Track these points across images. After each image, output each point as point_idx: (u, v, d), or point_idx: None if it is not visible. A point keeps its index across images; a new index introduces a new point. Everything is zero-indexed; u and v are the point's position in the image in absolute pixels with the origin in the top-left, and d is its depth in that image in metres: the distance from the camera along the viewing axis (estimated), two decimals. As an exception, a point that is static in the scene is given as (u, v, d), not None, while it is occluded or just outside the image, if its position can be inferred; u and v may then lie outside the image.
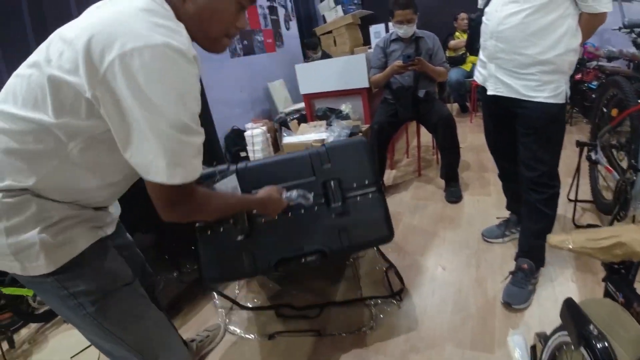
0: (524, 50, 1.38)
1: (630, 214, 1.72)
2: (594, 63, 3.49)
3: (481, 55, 1.58)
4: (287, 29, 5.38)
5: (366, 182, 1.36)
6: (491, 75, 1.52)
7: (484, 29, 1.52)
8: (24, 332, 2.01)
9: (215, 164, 1.41)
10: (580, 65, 3.49)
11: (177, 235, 1.69)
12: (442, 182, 2.59)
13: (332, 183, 1.35)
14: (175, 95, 0.68)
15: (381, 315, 1.58)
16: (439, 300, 1.61)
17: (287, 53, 5.25)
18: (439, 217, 2.26)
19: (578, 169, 2.01)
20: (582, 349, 0.74)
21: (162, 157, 0.69)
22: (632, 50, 2.70)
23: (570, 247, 0.93)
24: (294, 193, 1.23)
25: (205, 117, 3.72)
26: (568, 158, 2.33)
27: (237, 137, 3.87)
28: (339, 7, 5.51)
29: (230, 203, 1.01)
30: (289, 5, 5.45)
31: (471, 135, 3.72)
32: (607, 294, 0.94)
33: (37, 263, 0.74)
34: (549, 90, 1.40)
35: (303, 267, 1.29)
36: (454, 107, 4.92)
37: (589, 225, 1.86)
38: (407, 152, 3.40)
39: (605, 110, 2.16)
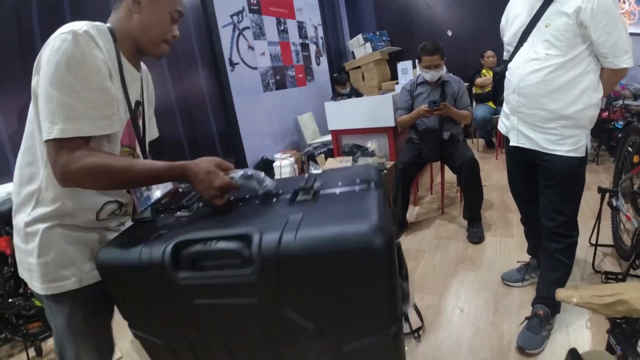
0: (546, 106, 1.45)
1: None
2: (620, 102, 3.50)
3: (505, 107, 1.67)
4: (318, 64, 5.65)
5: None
6: (513, 127, 1.60)
7: (507, 84, 1.60)
8: (51, 342, 2.14)
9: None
10: (607, 103, 3.52)
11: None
12: (464, 221, 2.64)
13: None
14: (62, 61, 0.80)
15: (399, 353, 1.63)
16: (455, 343, 1.66)
17: (317, 87, 5.50)
18: (460, 258, 2.31)
19: (599, 215, 2.04)
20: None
21: (47, 116, 0.80)
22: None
23: (575, 301, 1.00)
24: (240, 172, 0.92)
25: (237, 147, 3.96)
26: (593, 200, 2.36)
27: (266, 167, 4.06)
28: (368, 44, 5.76)
29: (132, 165, 0.87)
30: (320, 42, 5.75)
31: (496, 173, 3.76)
32: (608, 346, 1.00)
33: (36, 284, 0.93)
34: (569, 144, 1.46)
35: (215, 256, 0.77)
36: (480, 143, 4.97)
37: (606, 273, 1.87)
38: (431, 189, 3.47)
39: (627, 156, 2.19)
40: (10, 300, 2.00)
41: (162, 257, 0.77)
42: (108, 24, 0.95)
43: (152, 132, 1.21)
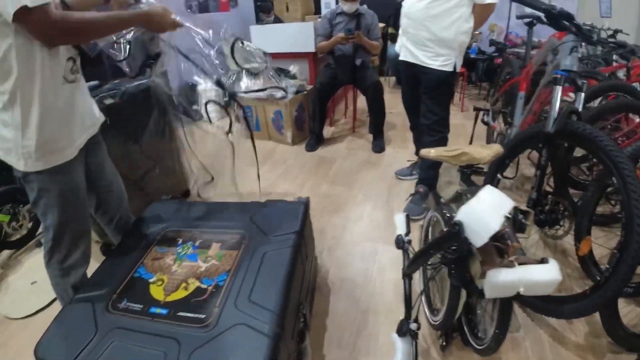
0: (426, 29, 1.88)
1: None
2: (514, 50, 4.19)
3: (400, 30, 2.08)
4: (242, -11, 5.54)
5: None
6: (403, 45, 2.03)
7: (402, 11, 2.00)
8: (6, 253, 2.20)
9: None
10: (502, 51, 4.17)
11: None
12: (371, 137, 3.14)
13: None
14: None
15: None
16: (358, 213, 2.18)
17: (240, 13, 5.44)
18: (365, 162, 2.83)
19: (474, 127, 2.65)
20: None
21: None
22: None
23: (432, 155, 1.47)
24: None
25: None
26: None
27: (190, 91, 4.11)
28: (295, -26, 5.75)
29: (98, 18, 1.03)
30: (244, -34, 5.59)
31: (401, 105, 4.30)
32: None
33: (29, 162, 1.05)
34: (441, 60, 1.92)
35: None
36: (391, 80, 5.50)
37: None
38: (345, 114, 3.92)
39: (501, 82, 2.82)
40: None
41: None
42: None
43: None
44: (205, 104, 2.19)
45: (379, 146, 3.01)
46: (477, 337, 1.25)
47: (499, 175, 1.73)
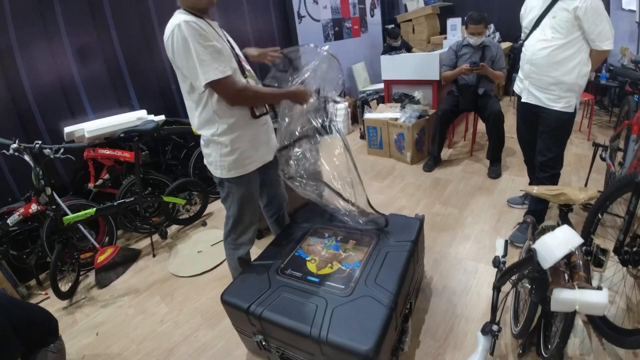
0: (549, 74, 2.06)
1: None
2: None
3: (520, 73, 2.28)
4: (372, 16, 6.07)
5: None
6: (525, 88, 2.23)
7: (522, 56, 2.21)
8: (173, 227, 3.00)
9: None
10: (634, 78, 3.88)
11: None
12: (488, 162, 3.31)
13: None
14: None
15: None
16: (466, 234, 2.44)
17: (369, 38, 5.97)
18: (479, 186, 3.03)
19: (592, 164, 2.64)
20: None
21: (197, 67, 1.31)
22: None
23: (535, 192, 1.70)
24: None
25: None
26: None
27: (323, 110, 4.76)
28: (421, -2, 6.05)
29: (265, 91, 1.51)
30: (375, -6, 6.12)
31: (525, 129, 4.30)
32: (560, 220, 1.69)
33: (224, 172, 1.54)
34: (563, 102, 2.08)
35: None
36: (515, 100, 5.40)
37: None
38: (465, 137, 4.10)
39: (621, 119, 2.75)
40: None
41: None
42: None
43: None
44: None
45: (495, 172, 3.17)
46: (548, 348, 1.47)
47: (599, 215, 1.82)
